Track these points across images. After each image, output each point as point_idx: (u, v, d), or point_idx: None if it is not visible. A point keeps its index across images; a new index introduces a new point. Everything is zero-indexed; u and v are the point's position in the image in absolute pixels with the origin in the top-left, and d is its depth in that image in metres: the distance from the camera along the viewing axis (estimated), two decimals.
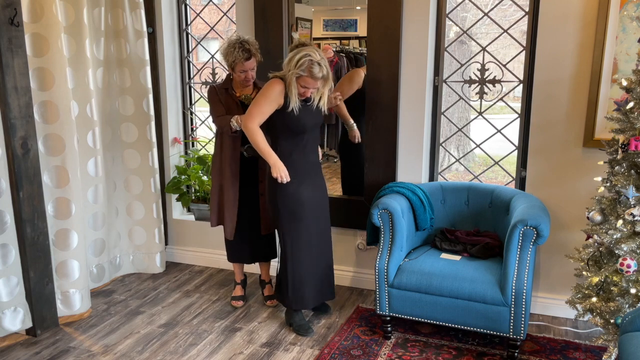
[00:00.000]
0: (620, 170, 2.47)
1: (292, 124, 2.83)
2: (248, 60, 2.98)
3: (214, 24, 4.01)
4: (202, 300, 3.50)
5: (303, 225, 2.94)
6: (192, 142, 4.18)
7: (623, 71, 2.84)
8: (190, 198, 4.11)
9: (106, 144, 3.65)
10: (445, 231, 3.14)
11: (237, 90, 3.13)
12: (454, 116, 6.75)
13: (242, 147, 3.11)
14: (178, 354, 2.86)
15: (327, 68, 2.75)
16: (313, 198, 2.96)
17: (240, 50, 2.95)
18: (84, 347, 2.95)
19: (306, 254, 2.98)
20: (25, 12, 2.89)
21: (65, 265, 3.19)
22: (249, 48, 2.98)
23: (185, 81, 4.05)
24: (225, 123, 3.00)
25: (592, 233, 2.60)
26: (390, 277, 2.84)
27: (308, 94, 2.80)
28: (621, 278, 2.44)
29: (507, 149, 3.38)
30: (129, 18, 3.59)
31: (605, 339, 2.54)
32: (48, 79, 3.01)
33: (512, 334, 2.67)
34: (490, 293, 2.65)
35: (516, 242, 2.63)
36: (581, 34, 2.90)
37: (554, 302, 3.20)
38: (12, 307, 2.95)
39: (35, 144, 2.94)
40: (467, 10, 6.07)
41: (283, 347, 2.92)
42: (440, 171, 3.52)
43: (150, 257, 3.93)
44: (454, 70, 3.38)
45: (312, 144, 2.97)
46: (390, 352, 2.84)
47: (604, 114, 2.87)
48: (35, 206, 2.96)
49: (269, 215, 3.20)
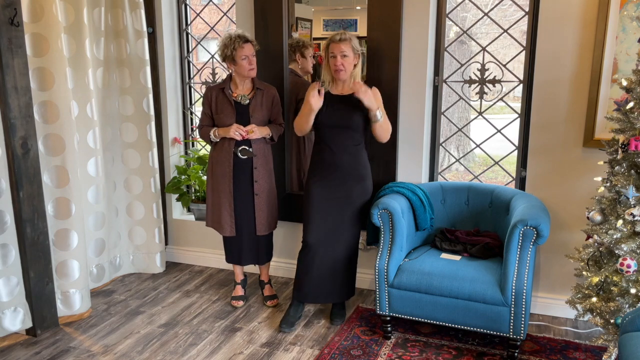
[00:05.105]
0: (620, 170, 2.47)
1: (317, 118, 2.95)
2: (246, 43, 3.05)
3: (214, 24, 4.01)
4: (202, 300, 3.50)
5: (309, 219, 3.02)
6: (192, 142, 4.18)
7: (623, 71, 2.84)
8: (190, 198, 4.11)
9: (106, 144, 3.65)
10: (445, 231, 3.14)
11: (237, 89, 3.15)
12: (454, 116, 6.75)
13: (236, 148, 3.12)
14: (178, 354, 2.86)
15: (349, 34, 2.87)
16: (322, 197, 2.99)
17: (236, 36, 3.05)
18: (84, 347, 2.95)
19: (310, 249, 3.01)
20: (25, 12, 2.89)
21: (65, 265, 3.19)
22: (244, 34, 3.08)
23: (185, 81, 4.05)
24: (204, 135, 3.19)
25: (592, 233, 2.60)
26: (390, 277, 2.84)
27: (339, 64, 2.85)
28: (621, 278, 2.44)
29: (507, 149, 3.38)
30: (129, 18, 3.59)
31: (605, 339, 2.54)
32: (48, 79, 3.01)
33: (512, 334, 2.67)
34: (490, 293, 2.65)
35: (516, 242, 2.63)
36: (581, 34, 2.90)
37: (554, 302, 3.20)
38: (12, 307, 2.95)
39: (35, 144, 2.94)
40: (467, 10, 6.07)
41: (283, 347, 2.92)
42: (440, 171, 3.52)
43: (150, 257, 3.93)
44: (454, 70, 3.38)
45: (332, 145, 2.97)
46: (390, 352, 2.84)
47: (604, 114, 2.87)
48: (35, 206, 2.96)
49: (264, 215, 3.23)
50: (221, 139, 3.16)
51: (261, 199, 3.22)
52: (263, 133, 3.14)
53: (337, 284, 3.10)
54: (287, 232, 3.76)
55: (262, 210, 3.24)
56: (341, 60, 2.86)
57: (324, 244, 3.02)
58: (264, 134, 3.15)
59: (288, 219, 3.68)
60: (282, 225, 3.68)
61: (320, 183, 3.02)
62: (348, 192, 3.00)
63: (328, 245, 3.02)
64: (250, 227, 3.27)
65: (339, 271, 3.08)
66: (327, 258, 3.04)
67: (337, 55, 2.85)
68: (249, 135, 3.06)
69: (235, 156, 3.14)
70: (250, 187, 3.20)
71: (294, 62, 3.61)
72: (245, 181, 3.19)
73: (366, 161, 3.06)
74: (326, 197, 3.01)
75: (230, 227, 3.23)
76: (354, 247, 3.09)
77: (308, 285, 3.06)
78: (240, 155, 3.13)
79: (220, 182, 3.19)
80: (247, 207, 3.23)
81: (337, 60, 2.85)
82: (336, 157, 2.98)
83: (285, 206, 3.62)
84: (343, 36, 2.85)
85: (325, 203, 3.01)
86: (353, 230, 3.06)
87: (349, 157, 2.98)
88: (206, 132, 3.17)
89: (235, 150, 3.13)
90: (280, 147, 3.55)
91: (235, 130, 3.04)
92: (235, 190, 3.19)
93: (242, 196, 3.20)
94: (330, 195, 3.01)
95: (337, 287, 3.11)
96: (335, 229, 3.02)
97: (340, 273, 3.08)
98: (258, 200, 3.21)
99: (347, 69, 2.88)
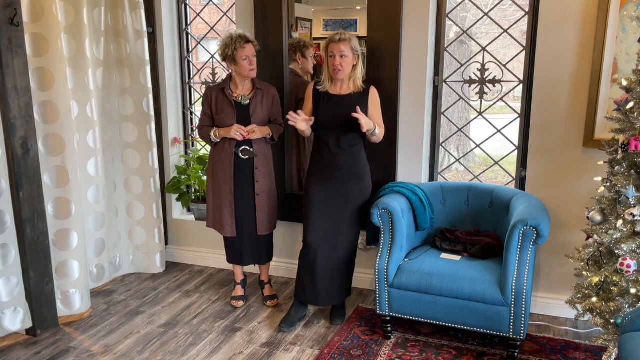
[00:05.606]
0: (620, 170, 2.46)
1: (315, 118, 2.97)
2: (247, 44, 3.04)
3: (214, 24, 4.01)
4: (202, 300, 3.50)
5: (309, 219, 3.02)
6: (192, 142, 4.18)
7: (623, 71, 2.84)
8: (190, 198, 4.11)
9: (106, 144, 3.65)
10: (445, 231, 3.14)
11: (237, 89, 3.15)
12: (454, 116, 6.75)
13: (238, 148, 3.12)
14: (178, 354, 2.86)
15: (348, 35, 2.87)
16: (321, 197, 3.00)
17: (237, 36, 3.04)
18: (84, 347, 2.95)
19: (310, 249, 3.02)
20: (25, 12, 2.89)
21: (65, 265, 3.19)
22: (245, 35, 3.07)
23: (185, 81, 4.05)
24: (205, 135, 3.18)
25: (592, 233, 2.60)
26: (390, 277, 2.84)
27: (337, 64, 2.85)
28: (621, 278, 2.44)
29: (507, 149, 3.38)
30: (129, 18, 3.59)
31: (605, 339, 2.54)
32: (48, 79, 3.01)
33: (512, 334, 2.67)
34: (490, 293, 2.65)
35: (516, 242, 2.63)
36: (581, 34, 2.90)
37: (554, 302, 3.20)
38: (12, 307, 2.95)
39: (35, 144, 2.94)
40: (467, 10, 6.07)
41: (283, 347, 2.92)
42: (440, 171, 3.52)
43: (150, 257, 3.93)
44: (454, 70, 3.38)
45: (331, 145, 2.98)
46: (390, 352, 2.84)
47: (604, 114, 2.87)
48: (35, 206, 2.96)
49: (265, 215, 3.23)
50: (221, 139, 3.15)
51: (262, 199, 3.22)
52: (264, 133, 3.14)
53: (338, 285, 3.11)
54: (287, 232, 3.76)
55: (263, 210, 3.24)
56: (340, 60, 2.86)
57: (324, 244, 3.02)
58: (264, 134, 3.15)
59: (288, 219, 3.68)
60: (282, 225, 3.68)
61: (319, 183, 3.03)
62: (347, 192, 3.00)
63: (328, 245, 3.02)
64: (251, 227, 3.27)
65: (339, 271, 3.08)
66: (327, 258, 3.04)
67: (335, 55, 2.86)
68: (250, 136, 3.06)
69: (236, 156, 3.14)
70: (252, 187, 3.20)
71: (295, 62, 3.61)
72: (246, 181, 3.19)
73: (365, 161, 3.06)
74: (325, 197, 3.01)
75: (231, 228, 3.23)
76: (353, 247, 3.09)
77: (309, 286, 3.06)
78: (242, 156, 3.13)
79: (221, 182, 3.19)
80: (248, 207, 3.23)
81: (335, 60, 2.86)
82: (335, 157, 2.98)
83: (285, 206, 3.62)
84: (342, 36, 2.85)
85: (325, 203, 3.01)
86: (352, 230, 3.06)
87: (347, 156, 2.98)
88: (206, 132, 3.17)
89: (236, 151, 3.13)
90: (280, 147, 3.55)
91: (236, 130, 3.04)
92: (236, 191, 3.19)
93: (243, 196, 3.20)
94: (329, 195, 3.01)
95: (337, 288, 3.11)
96: (334, 229, 3.02)
97: (340, 273, 3.09)
98: (259, 200, 3.21)
99: (345, 69, 2.88)
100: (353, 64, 2.91)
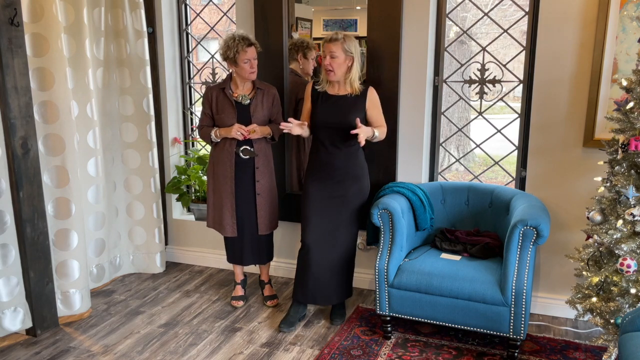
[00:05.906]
0: (620, 170, 2.47)
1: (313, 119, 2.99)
2: (250, 47, 3.03)
3: (214, 24, 4.01)
4: (202, 300, 3.50)
5: (307, 219, 3.03)
6: (192, 142, 4.18)
7: (623, 71, 2.84)
8: (190, 198, 4.11)
9: (106, 144, 3.65)
10: (445, 231, 3.14)
11: (237, 89, 3.15)
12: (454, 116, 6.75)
13: (238, 148, 3.12)
14: (178, 354, 2.86)
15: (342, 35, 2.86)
16: (319, 197, 3.00)
17: (240, 39, 3.02)
18: (84, 347, 2.95)
19: (308, 249, 3.02)
20: (25, 12, 2.89)
21: (65, 265, 3.19)
22: (248, 37, 3.05)
23: (185, 81, 4.05)
24: (205, 135, 3.17)
25: (592, 233, 2.60)
26: (390, 277, 2.84)
27: (327, 63, 2.86)
28: (621, 278, 2.44)
29: (507, 149, 3.38)
30: (129, 18, 3.59)
31: (605, 339, 2.54)
32: (48, 79, 3.01)
33: (512, 334, 2.67)
34: (490, 293, 2.65)
35: (516, 242, 2.63)
36: (581, 34, 2.90)
37: (554, 302, 3.20)
38: (12, 307, 2.95)
39: (35, 144, 2.94)
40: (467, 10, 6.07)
41: (283, 347, 2.92)
42: (440, 171, 3.52)
43: (150, 257, 3.93)
44: (454, 70, 3.38)
45: (328, 145, 2.97)
46: (390, 352, 2.84)
47: (604, 114, 2.87)
48: (35, 206, 2.96)
49: (266, 214, 3.23)
50: (222, 139, 3.15)
51: (263, 198, 3.22)
52: (264, 133, 3.14)
53: (336, 284, 3.10)
54: (287, 232, 3.76)
55: (264, 210, 3.24)
56: (329, 60, 2.85)
57: (322, 244, 3.02)
58: (265, 134, 3.15)
59: (288, 219, 3.68)
60: (282, 225, 3.68)
61: (317, 183, 3.03)
62: (345, 192, 3.00)
63: (326, 245, 3.02)
64: (252, 227, 3.27)
65: (337, 271, 3.08)
66: (325, 258, 3.04)
67: (326, 55, 2.86)
68: (251, 135, 3.06)
69: (237, 156, 3.14)
70: (252, 187, 3.20)
71: (295, 62, 3.61)
72: (246, 181, 3.19)
73: (363, 161, 3.06)
74: (323, 197, 3.01)
75: (231, 228, 3.23)
76: (351, 247, 3.09)
77: (307, 286, 3.06)
78: (242, 155, 3.13)
79: (221, 182, 3.19)
80: (249, 207, 3.23)
81: (326, 60, 2.86)
82: (332, 157, 2.98)
83: (285, 206, 3.62)
84: (334, 36, 2.85)
85: (322, 203, 3.01)
86: (351, 230, 3.06)
87: (345, 156, 2.98)
88: (207, 132, 3.17)
89: (237, 150, 3.13)
90: (280, 146, 3.55)
91: (237, 130, 3.04)
92: (237, 191, 3.19)
93: (244, 196, 3.20)
94: (327, 195, 3.01)
95: (335, 288, 3.11)
96: (332, 229, 3.02)
97: (339, 273, 3.09)
98: (260, 200, 3.21)
99: (335, 70, 2.87)
100: (347, 65, 2.89)
